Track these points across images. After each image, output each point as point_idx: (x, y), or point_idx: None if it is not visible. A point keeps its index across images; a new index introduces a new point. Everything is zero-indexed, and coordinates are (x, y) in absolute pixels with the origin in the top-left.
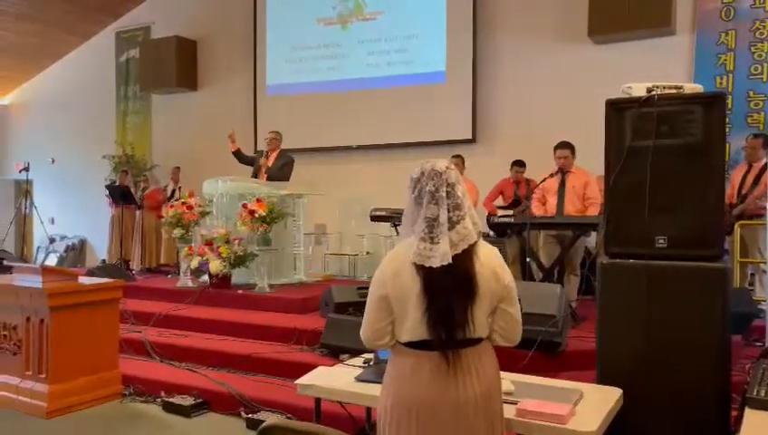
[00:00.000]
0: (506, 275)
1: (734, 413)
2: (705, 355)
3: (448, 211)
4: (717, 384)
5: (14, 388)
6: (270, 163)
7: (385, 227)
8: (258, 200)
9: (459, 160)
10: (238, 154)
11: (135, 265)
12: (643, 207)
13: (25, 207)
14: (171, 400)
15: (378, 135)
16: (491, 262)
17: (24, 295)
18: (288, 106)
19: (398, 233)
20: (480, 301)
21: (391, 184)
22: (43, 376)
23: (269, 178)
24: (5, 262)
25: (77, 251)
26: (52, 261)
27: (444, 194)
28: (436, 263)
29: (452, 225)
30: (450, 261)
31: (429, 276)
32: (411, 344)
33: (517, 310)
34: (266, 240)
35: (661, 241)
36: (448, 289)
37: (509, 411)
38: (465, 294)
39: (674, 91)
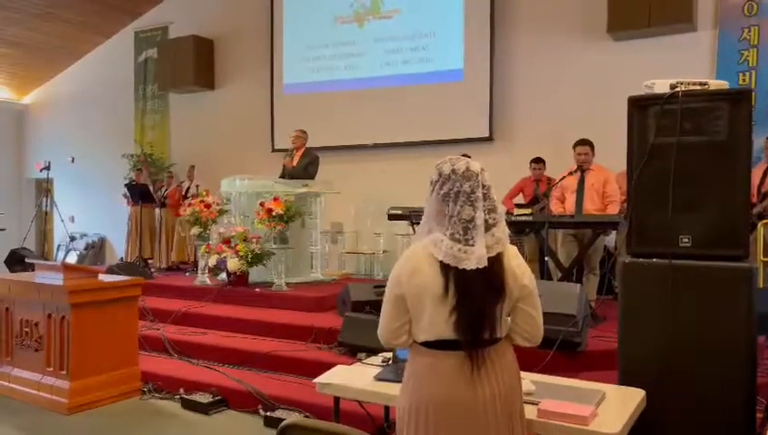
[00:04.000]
0: (525, 275)
1: (759, 416)
2: (730, 356)
3: (485, 214)
4: (742, 386)
5: (35, 384)
6: (294, 163)
7: (402, 225)
8: (275, 199)
9: None
10: None
11: (155, 262)
12: (666, 206)
13: (46, 206)
14: (190, 397)
15: (394, 133)
16: (509, 262)
17: (45, 292)
18: (304, 105)
19: (414, 232)
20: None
21: (408, 182)
22: (64, 372)
23: (293, 178)
24: (27, 259)
25: (97, 249)
26: (72, 259)
27: (480, 195)
28: (470, 265)
29: (487, 227)
30: (486, 264)
31: (461, 278)
32: (428, 344)
33: (538, 311)
34: (283, 238)
35: (685, 240)
36: (481, 292)
37: (530, 412)
38: (496, 297)
39: (699, 87)
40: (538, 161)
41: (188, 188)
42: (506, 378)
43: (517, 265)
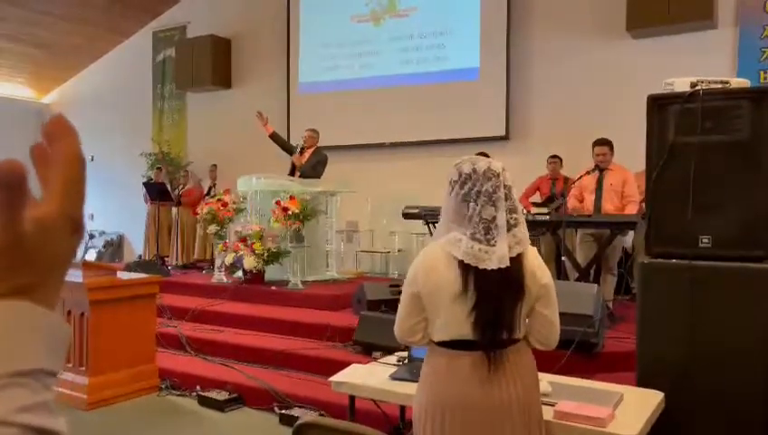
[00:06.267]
0: (544, 275)
1: None
2: (750, 358)
3: (506, 213)
4: (763, 390)
5: None
6: (304, 160)
7: (417, 224)
8: (291, 198)
9: None
10: (275, 137)
11: (172, 260)
12: (686, 206)
13: None
14: (206, 394)
15: (410, 132)
16: (530, 262)
17: (65, 289)
18: (320, 104)
19: (430, 231)
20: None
21: (423, 181)
22: (83, 369)
23: (302, 176)
24: None
25: (115, 247)
26: (91, 256)
27: (502, 195)
28: (492, 265)
29: (509, 227)
30: (508, 264)
31: (481, 278)
32: (444, 344)
33: (554, 313)
34: (299, 237)
35: (705, 241)
36: (501, 292)
37: (547, 413)
38: (515, 297)
39: (720, 85)
40: (554, 157)
41: (211, 187)
42: (524, 380)
43: (538, 266)
